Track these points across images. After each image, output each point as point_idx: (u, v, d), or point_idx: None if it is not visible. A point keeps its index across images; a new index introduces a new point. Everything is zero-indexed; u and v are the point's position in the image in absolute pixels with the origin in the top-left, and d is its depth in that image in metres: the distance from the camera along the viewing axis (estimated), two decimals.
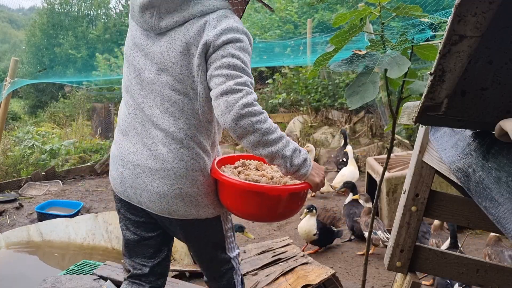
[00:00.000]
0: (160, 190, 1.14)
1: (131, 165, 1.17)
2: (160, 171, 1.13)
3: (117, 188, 1.24)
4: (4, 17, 40.61)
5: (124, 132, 1.20)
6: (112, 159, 1.26)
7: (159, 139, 1.13)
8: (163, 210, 1.16)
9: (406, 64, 0.95)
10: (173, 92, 1.11)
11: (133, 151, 1.17)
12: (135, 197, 1.19)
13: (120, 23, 15.13)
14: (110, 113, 7.93)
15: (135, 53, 1.16)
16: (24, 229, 2.92)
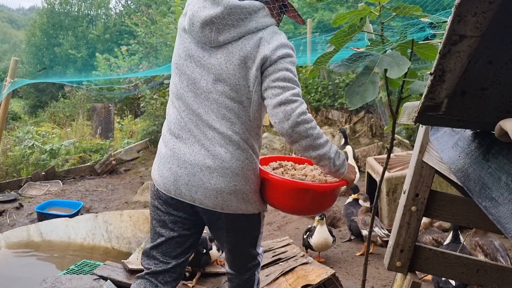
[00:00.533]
0: (217, 187, 1.26)
1: (188, 164, 1.27)
2: (219, 170, 1.25)
3: (168, 187, 1.30)
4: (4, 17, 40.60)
5: (177, 135, 1.30)
6: (162, 159, 1.33)
7: (217, 141, 1.25)
8: (217, 205, 1.27)
9: (406, 64, 0.95)
10: (229, 100, 1.24)
11: (189, 151, 1.27)
12: (189, 194, 1.28)
13: (120, 23, 15.13)
14: (110, 113, 7.93)
15: (188, 64, 1.28)
16: (24, 229, 2.92)
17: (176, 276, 1.37)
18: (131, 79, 8.57)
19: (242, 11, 1.22)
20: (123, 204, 4.22)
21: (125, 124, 8.37)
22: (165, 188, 1.31)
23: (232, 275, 1.51)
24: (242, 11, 1.22)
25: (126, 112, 9.48)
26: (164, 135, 1.36)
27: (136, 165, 5.94)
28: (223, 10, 1.21)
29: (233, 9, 1.21)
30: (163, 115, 6.65)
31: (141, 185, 4.66)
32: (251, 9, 1.23)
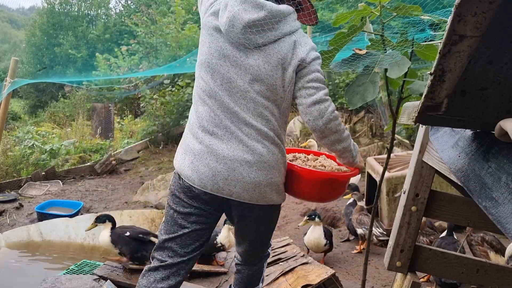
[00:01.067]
0: (256, 180, 1.34)
1: (227, 160, 1.32)
2: (257, 163, 1.33)
3: (205, 182, 1.34)
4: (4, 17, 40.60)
5: (211, 132, 1.35)
6: (197, 156, 1.36)
7: (254, 137, 1.33)
8: (253, 197, 1.36)
9: (406, 64, 0.95)
10: (264, 99, 1.33)
11: (227, 147, 1.33)
12: (228, 189, 1.34)
13: (120, 23, 15.13)
14: (110, 113, 7.93)
15: (223, 63, 1.33)
16: (24, 229, 2.92)
17: (188, 268, 1.42)
18: (131, 79, 8.57)
19: (279, 15, 1.30)
20: (123, 204, 4.22)
21: (125, 124, 8.37)
22: (200, 184, 1.34)
23: (243, 266, 1.59)
24: (279, 15, 1.30)
25: (126, 112, 9.48)
26: (196, 132, 1.38)
27: (136, 165, 5.94)
28: (266, 14, 1.28)
29: (274, 14, 1.30)
30: (163, 115, 6.66)
31: (141, 185, 4.66)
32: (286, 12, 1.32)
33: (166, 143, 6.68)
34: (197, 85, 1.40)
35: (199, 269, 2.34)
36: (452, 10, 0.60)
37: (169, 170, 5.26)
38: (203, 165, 1.34)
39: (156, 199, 4.21)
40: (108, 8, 17.30)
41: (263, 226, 1.47)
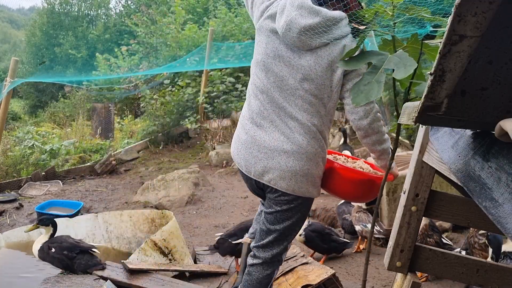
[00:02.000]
0: (293, 169, 1.44)
1: (268, 149, 1.46)
2: (295, 154, 1.44)
3: (249, 168, 1.51)
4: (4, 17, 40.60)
5: (258, 124, 1.50)
6: (243, 145, 1.53)
7: (297, 130, 1.45)
8: (290, 187, 1.46)
9: (412, 66, 0.94)
10: (312, 96, 1.45)
11: (269, 138, 1.47)
12: (267, 176, 1.47)
13: (120, 23, 15.13)
14: (110, 113, 7.92)
15: (277, 63, 1.47)
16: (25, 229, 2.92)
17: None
18: (131, 79, 8.57)
19: (332, 21, 1.41)
20: (123, 204, 4.22)
21: (125, 124, 8.36)
22: (246, 170, 1.52)
23: (254, 267, 1.58)
24: (332, 21, 1.41)
25: (126, 112, 9.48)
26: (245, 123, 1.55)
27: (136, 165, 5.94)
28: (320, 20, 1.40)
29: (328, 19, 1.41)
30: (163, 115, 6.66)
31: (141, 185, 4.66)
32: (339, 18, 1.42)
33: (166, 143, 6.68)
34: (252, 81, 1.55)
35: (199, 269, 2.34)
36: (452, 10, 0.60)
37: (169, 170, 5.26)
38: (248, 153, 1.51)
39: (156, 199, 4.22)
40: (108, 8, 17.31)
41: (296, 217, 1.53)
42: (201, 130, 6.81)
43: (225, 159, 5.63)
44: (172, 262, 2.36)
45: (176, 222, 2.50)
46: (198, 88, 7.18)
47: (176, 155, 6.29)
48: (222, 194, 4.42)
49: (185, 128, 6.77)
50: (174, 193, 4.23)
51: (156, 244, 2.32)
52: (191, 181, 4.37)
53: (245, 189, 4.63)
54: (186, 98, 6.96)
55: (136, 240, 2.86)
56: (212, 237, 3.30)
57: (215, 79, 7.19)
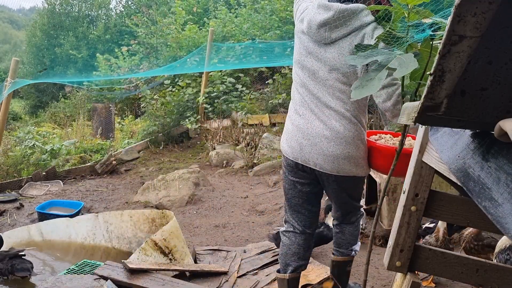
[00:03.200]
0: (334, 153, 1.61)
1: (310, 136, 1.64)
2: (335, 139, 1.60)
3: (296, 155, 1.69)
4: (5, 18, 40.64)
5: (300, 114, 1.68)
6: (290, 134, 1.72)
7: (333, 117, 1.61)
8: (334, 169, 1.64)
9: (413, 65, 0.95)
10: (341, 84, 1.59)
11: (310, 126, 1.64)
12: (312, 160, 1.65)
13: (121, 24, 15.14)
14: (110, 113, 7.93)
15: (309, 59, 1.64)
16: (25, 229, 2.92)
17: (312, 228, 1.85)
18: (131, 80, 8.58)
19: (349, 13, 1.52)
20: (123, 204, 4.22)
21: (125, 124, 8.37)
22: (293, 156, 1.70)
23: (341, 227, 1.90)
24: (349, 13, 1.52)
25: (127, 112, 9.48)
26: (291, 114, 1.74)
27: (136, 165, 5.94)
28: (334, 13, 1.53)
29: (341, 12, 1.52)
30: (163, 116, 6.67)
31: (141, 185, 4.66)
32: (355, 10, 1.52)
33: (167, 143, 6.68)
34: (294, 79, 1.74)
35: (200, 269, 2.35)
36: (451, 10, 0.61)
37: (169, 170, 5.26)
38: (294, 141, 1.69)
39: (156, 199, 4.22)
40: (108, 8, 17.32)
41: (346, 192, 1.76)
42: (201, 130, 6.82)
43: (225, 159, 5.64)
44: (172, 262, 2.36)
45: (176, 222, 2.50)
46: (198, 88, 7.18)
47: (177, 155, 6.29)
48: (222, 194, 4.43)
49: (186, 128, 6.78)
50: (175, 193, 4.23)
51: (157, 244, 2.32)
52: (192, 181, 4.37)
53: (245, 189, 4.64)
54: (187, 98, 6.97)
55: (136, 240, 2.86)
56: (212, 237, 3.30)
57: (215, 79, 7.19)
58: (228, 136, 6.30)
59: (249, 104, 6.97)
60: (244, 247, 2.46)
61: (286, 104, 6.97)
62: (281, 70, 7.36)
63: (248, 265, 2.24)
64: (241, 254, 2.46)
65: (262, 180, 4.87)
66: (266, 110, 7.12)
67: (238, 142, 6.09)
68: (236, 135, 6.19)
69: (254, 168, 5.17)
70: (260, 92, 7.83)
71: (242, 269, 2.27)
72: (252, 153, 5.47)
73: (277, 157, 5.46)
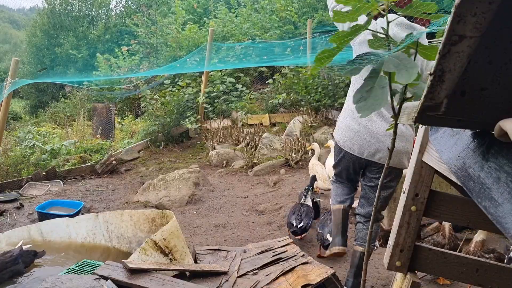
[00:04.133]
0: (398, 149, 1.98)
1: (379, 135, 2.02)
2: (399, 137, 1.92)
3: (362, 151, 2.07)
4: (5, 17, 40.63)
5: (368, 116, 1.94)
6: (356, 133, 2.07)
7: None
8: (394, 162, 2.02)
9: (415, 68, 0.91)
10: None
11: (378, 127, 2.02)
12: (377, 155, 2.05)
13: (121, 24, 15.14)
14: (110, 113, 7.93)
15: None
16: (25, 229, 2.92)
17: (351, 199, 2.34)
18: (131, 79, 8.58)
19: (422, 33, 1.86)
20: (123, 204, 4.22)
21: (125, 124, 8.37)
22: (359, 152, 2.06)
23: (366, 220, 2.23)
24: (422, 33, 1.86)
25: (127, 112, 9.48)
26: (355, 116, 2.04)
27: (136, 165, 5.94)
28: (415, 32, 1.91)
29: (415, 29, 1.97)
30: (163, 115, 6.67)
31: (141, 185, 4.66)
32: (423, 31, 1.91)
33: (167, 143, 6.68)
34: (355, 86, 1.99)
35: (200, 268, 2.35)
36: (452, 10, 0.61)
37: (169, 170, 5.26)
38: (361, 139, 2.04)
39: (156, 199, 4.22)
40: (108, 8, 17.33)
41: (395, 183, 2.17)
42: (201, 130, 6.82)
43: (225, 159, 5.64)
44: (172, 262, 2.37)
45: (176, 221, 2.50)
46: (198, 88, 7.18)
47: (177, 155, 6.29)
48: (222, 194, 4.43)
49: (186, 128, 6.78)
50: (175, 193, 4.23)
51: (157, 244, 2.32)
52: (192, 181, 4.37)
53: (245, 189, 4.64)
54: (187, 98, 6.97)
55: (136, 240, 2.86)
56: (212, 237, 3.30)
57: (215, 79, 7.19)
58: (228, 136, 6.30)
59: (249, 104, 6.97)
60: (244, 247, 2.46)
61: (286, 104, 6.97)
62: (281, 70, 7.36)
63: (248, 265, 2.24)
64: (241, 254, 2.46)
65: (262, 180, 4.87)
66: (266, 110, 7.13)
67: (238, 142, 6.09)
68: (236, 135, 6.19)
69: (254, 168, 5.17)
70: (260, 92, 7.84)
71: (242, 269, 2.27)
72: (252, 153, 5.47)
73: (277, 157, 5.46)
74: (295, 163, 5.17)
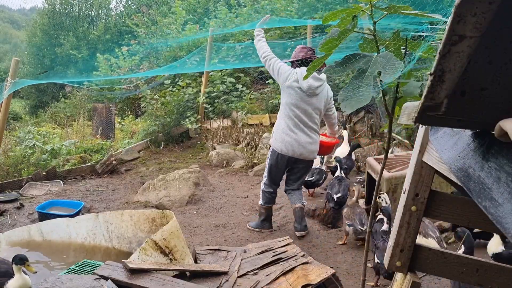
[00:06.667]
0: (311, 149, 3.21)
1: (304, 143, 3.18)
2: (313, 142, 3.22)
3: (295, 153, 3.19)
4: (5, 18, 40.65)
5: (294, 132, 3.18)
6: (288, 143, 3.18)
7: (313, 132, 3.22)
8: (310, 157, 3.25)
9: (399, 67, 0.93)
10: (317, 115, 3.22)
11: (303, 138, 3.18)
12: (303, 155, 3.21)
13: (121, 24, 15.14)
14: (111, 113, 7.93)
15: (302, 103, 3.16)
16: (25, 229, 2.92)
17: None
18: (131, 79, 8.58)
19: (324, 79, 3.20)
20: (123, 204, 4.22)
21: (125, 124, 8.37)
22: (292, 154, 3.19)
23: (293, 190, 3.34)
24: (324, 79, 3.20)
25: (127, 112, 9.48)
26: (287, 132, 3.19)
27: (136, 165, 5.94)
28: (322, 82, 3.19)
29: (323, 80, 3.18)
30: (164, 115, 6.67)
31: (141, 185, 4.66)
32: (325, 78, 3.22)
33: (167, 143, 6.68)
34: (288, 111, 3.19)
35: (200, 268, 2.35)
36: (451, 10, 0.61)
37: (169, 170, 5.26)
38: (293, 146, 3.17)
39: (156, 199, 4.22)
40: (108, 8, 17.34)
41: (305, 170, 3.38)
42: (201, 130, 6.82)
43: (225, 159, 5.64)
44: (172, 262, 2.36)
45: (176, 221, 2.50)
46: (198, 88, 7.18)
47: (177, 155, 6.29)
48: (222, 194, 4.43)
49: (186, 128, 6.78)
50: (175, 193, 4.23)
51: (157, 244, 2.32)
52: (192, 181, 4.37)
53: (245, 189, 4.64)
54: (187, 98, 6.97)
55: (136, 240, 2.86)
56: (212, 237, 3.30)
57: (216, 79, 7.19)
58: (228, 136, 6.30)
59: (249, 104, 6.97)
60: (244, 247, 2.46)
61: None
62: None
63: (248, 265, 2.24)
64: (241, 254, 2.46)
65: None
66: (266, 110, 7.12)
67: (238, 142, 6.09)
68: (236, 135, 6.19)
69: (254, 168, 5.17)
70: (260, 92, 7.83)
71: (242, 269, 2.27)
72: (252, 153, 5.47)
73: None
74: None
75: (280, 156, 3.17)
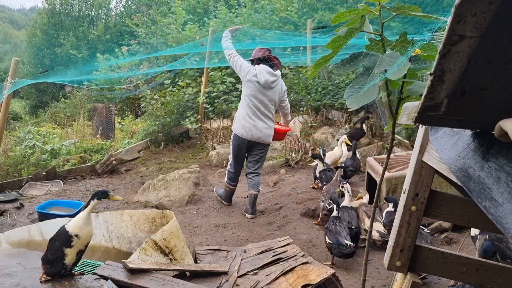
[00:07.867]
0: (267, 133, 3.73)
1: (261, 128, 3.70)
2: (269, 128, 3.74)
3: (253, 137, 3.68)
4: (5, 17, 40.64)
5: (253, 119, 3.68)
6: (247, 128, 3.68)
7: (269, 120, 3.74)
8: (266, 140, 3.75)
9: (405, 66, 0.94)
10: (273, 107, 3.76)
11: (260, 124, 3.70)
12: (260, 139, 3.71)
13: (121, 24, 15.14)
14: (110, 113, 7.92)
15: (259, 94, 3.67)
16: (25, 229, 2.92)
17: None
18: (131, 79, 8.57)
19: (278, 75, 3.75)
20: (123, 204, 4.22)
21: (125, 124, 8.37)
22: (250, 137, 3.68)
23: (254, 175, 3.79)
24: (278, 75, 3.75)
25: (127, 112, 9.48)
26: (246, 118, 3.67)
27: (136, 165, 5.94)
28: (277, 77, 3.71)
29: (278, 76, 3.73)
30: (163, 115, 6.67)
31: (141, 185, 4.66)
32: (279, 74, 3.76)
33: (167, 143, 6.68)
34: (248, 100, 3.67)
35: (200, 268, 2.35)
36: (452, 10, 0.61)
37: (169, 170, 5.26)
38: (251, 130, 3.65)
39: (156, 199, 4.22)
40: (108, 8, 17.34)
41: (264, 152, 3.83)
42: (201, 130, 6.82)
43: (225, 159, 5.63)
44: (172, 262, 2.36)
45: (176, 221, 2.50)
46: (198, 88, 7.18)
47: (177, 155, 6.29)
48: None
49: (186, 128, 6.78)
50: (175, 193, 4.23)
51: (157, 244, 2.32)
52: (192, 181, 4.37)
53: (245, 189, 4.64)
54: (187, 98, 6.96)
55: (136, 240, 2.86)
56: (212, 237, 3.30)
57: (216, 79, 7.19)
58: (228, 136, 6.30)
59: None
60: (244, 247, 2.46)
61: None
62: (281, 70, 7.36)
63: (248, 265, 2.24)
64: (241, 254, 2.46)
65: (262, 180, 4.86)
66: None
67: None
68: None
69: None
70: None
71: (242, 269, 2.27)
72: None
73: (277, 157, 5.46)
74: (295, 163, 5.17)
75: (241, 140, 3.67)
